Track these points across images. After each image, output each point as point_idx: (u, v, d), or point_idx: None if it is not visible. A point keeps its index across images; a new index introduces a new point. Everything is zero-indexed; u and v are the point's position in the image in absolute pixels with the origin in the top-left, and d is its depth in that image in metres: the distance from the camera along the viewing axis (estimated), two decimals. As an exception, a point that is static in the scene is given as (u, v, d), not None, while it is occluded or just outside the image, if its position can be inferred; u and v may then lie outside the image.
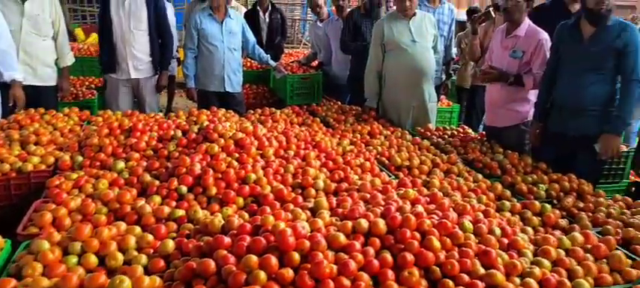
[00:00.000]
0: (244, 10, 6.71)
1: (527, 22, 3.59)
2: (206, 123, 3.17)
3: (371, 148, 3.44)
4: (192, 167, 2.57)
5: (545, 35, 3.51)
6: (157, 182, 2.54)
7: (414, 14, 4.12)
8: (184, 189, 2.47)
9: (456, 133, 4.11)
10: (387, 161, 3.23)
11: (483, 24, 4.49)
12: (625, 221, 2.56)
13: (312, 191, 2.53)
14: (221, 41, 4.56)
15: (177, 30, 6.37)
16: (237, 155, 2.78)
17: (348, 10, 5.32)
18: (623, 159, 3.69)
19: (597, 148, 3.16)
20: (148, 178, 2.59)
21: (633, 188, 3.83)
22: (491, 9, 4.55)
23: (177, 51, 6.19)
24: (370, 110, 4.31)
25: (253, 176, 2.56)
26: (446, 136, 3.97)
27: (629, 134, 5.32)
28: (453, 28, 5.18)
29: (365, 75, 4.35)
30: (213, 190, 2.46)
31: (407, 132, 3.94)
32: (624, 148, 3.65)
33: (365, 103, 4.39)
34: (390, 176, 2.97)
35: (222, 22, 4.56)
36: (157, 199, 2.41)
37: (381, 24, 4.18)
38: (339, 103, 4.99)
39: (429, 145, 3.63)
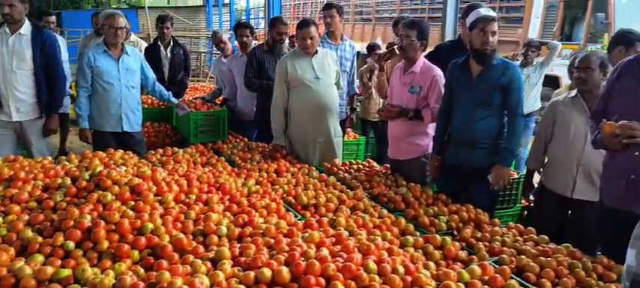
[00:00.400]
0: (145, 44, 6.46)
1: (422, 59, 3.77)
2: (99, 168, 2.95)
3: (277, 187, 3.38)
4: (81, 219, 2.36)
5: (438, 71, 3.72)
6: (40, 238, 2.31)
7: (316, 52, 4.18)
8: (71, 245, 2.25)
9: (361, 167, 4.18)
10: (293, 200, 3.19)
11: (389, 60, 4.69)
12: (518, 249, 2.70)
13: (215, 238, 2.42)
14: (117, 79, 4.32)
15: (71, 64, 5.99)
16: (132, 203, 2.60)
17: (253, 45, 5.30)
18: (515, 185, 3.95)
19: (490, 178, 3.34)
20: (29, 234, 2.34)
21: (525, 212, 4.10)
22: (395, 47, 4.75)
23: (70, 87, 5.80)
24: (282, 148, 4.27)
25: (150, 226, 2.39)
26: (352, 171, 4.02)
27: (519, 162, 5.74)
28: (355, 63, 5.34)
29: (270, 112, 4.31)
30: (105, 244, 2.27)
31: (314, 168, 3.94)
32: (515, 175, 3.91)
33: (272, 141, 4.33)
34: (296, 216, 2.93)
35: (118, 59, 4.32)
36: (40, 258, 2.16)
37: (285, 61, 4.19)
38: (246, 140, 4.91)
39: (335, 181, 3.65)
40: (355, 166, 4.16)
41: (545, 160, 3.61)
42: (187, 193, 2.90)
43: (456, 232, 2.96)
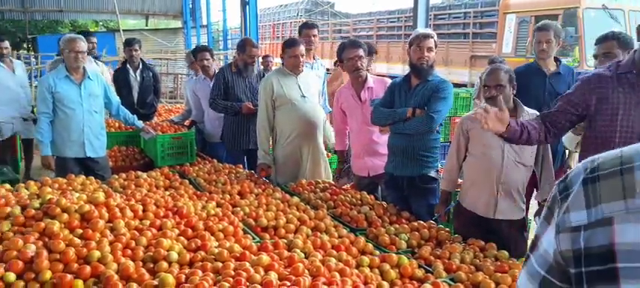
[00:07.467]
0: (107, 70, 6.40)
1: (369, 75, 3.97)
2: (49, 196, 2.87)
3: (238, 209, 3.33)
4: (23, 249, 2.29)
5: (387, 79, 3.99)
6: (-19, 271, 2.23)
7: (301, 70, 4.19)
8: (12, 276, 2.17)
9: (327, 186, 4.14)
10: (253, 222, 3.14)
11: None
12: (477, 265, 2.69)
13: (164, 265, 2.35)
14: (80, 104, 4.24)
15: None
16: (80, 231, 2.53)
17: (218, 68, 5.27)
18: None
19: None
20: (-31, 266, 2.26)
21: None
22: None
23: (32, 112, 5.70)
24: (268, 167, 4.24)
25: (97, 254, 2.33)
26: (317, 191, 3.98)
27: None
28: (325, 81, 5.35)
29: (257, 132, 4.31)
30: (48, 275, 2.19)
31: (279, 188, 3.90)
32: None
33: (257, 162, 4.30)
34: (254, 239, 2.88)
35: (80, 84, 4.25)
36: (-22, 291, 2.10)
37: (270, 79, 4.17)
38: (215, 162, 4.85)
39: (299, 201, 3.61)
40: (321, 185, 4.13)
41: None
42: (142, 219, 2.84)
43: (416, 250, 2.93)
